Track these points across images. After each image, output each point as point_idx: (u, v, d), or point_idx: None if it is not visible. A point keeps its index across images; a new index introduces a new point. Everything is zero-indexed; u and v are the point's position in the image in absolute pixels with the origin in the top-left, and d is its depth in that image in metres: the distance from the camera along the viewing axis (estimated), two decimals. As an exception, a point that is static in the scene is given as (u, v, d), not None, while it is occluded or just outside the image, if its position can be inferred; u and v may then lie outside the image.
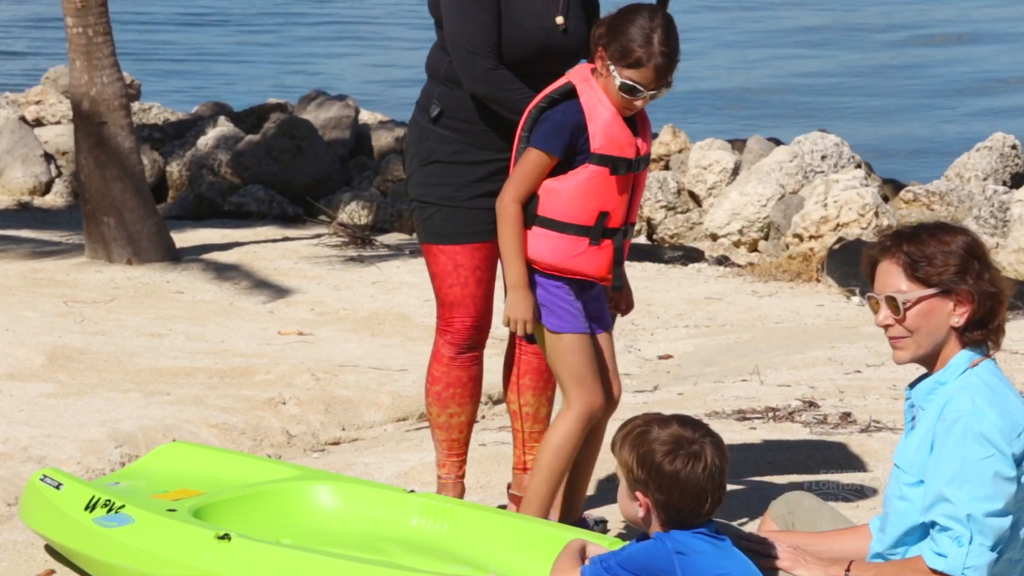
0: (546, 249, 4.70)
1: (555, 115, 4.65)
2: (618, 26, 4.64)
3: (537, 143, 4.65)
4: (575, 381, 4.76)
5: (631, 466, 3.68)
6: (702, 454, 3.65)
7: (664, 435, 3.67)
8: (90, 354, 8.01)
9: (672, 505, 3.66)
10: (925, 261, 3.75)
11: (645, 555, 3.65)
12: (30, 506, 5.11)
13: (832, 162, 12.40)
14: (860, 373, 7.65)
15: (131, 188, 10.59)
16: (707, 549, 3.66)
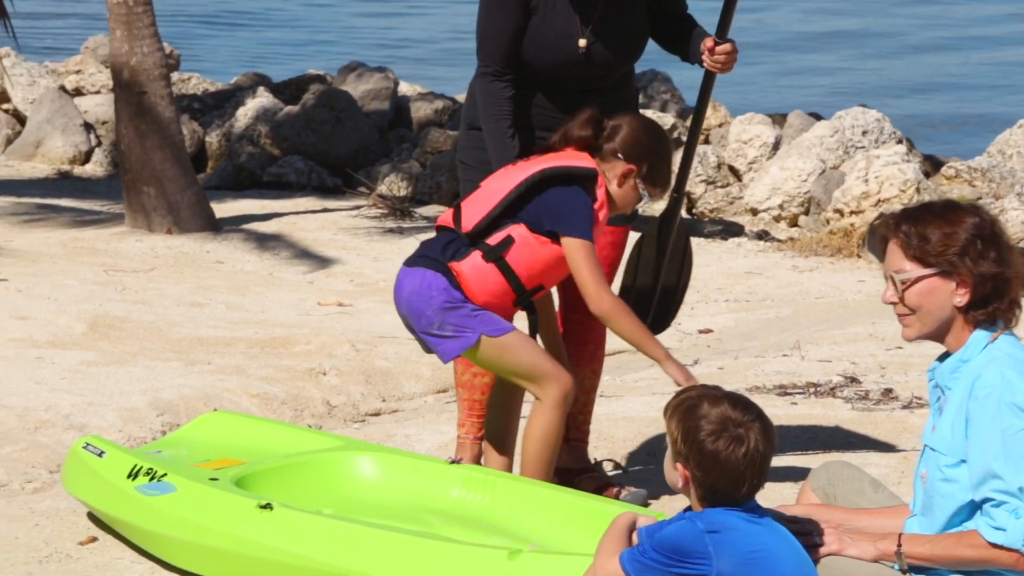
0: (486, 290, 4.75)
1: (586, 205, 4.76)
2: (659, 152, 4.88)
3: (584, 235, 4.73)
4: (538, 371, 4.77)
5: (676, 438, 3.66)
6: (746, 439, 3.62)
7: (713, 413, 3.64)
8: (131, 323, 8.04)
9: (708, 484, 3.65)
10: (924, 241, 3.76)
11: (676, 536, 3.64)
12: (73, 474, 5.13)
13: (873, 137, 12.33)
14: (902, 349, 7.61)
15: (171, 158, 10.61)
16: (741, 526, 3.64)
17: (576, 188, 4.77)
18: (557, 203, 4.75)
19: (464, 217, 4.78)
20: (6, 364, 7.13)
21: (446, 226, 4.85)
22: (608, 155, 4.85)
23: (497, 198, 4.77)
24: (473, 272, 4.73)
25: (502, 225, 4.75)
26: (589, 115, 4.89)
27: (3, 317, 7.92)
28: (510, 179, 4.81)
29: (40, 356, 7.32)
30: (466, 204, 4.85)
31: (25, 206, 11.41)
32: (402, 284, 4.79)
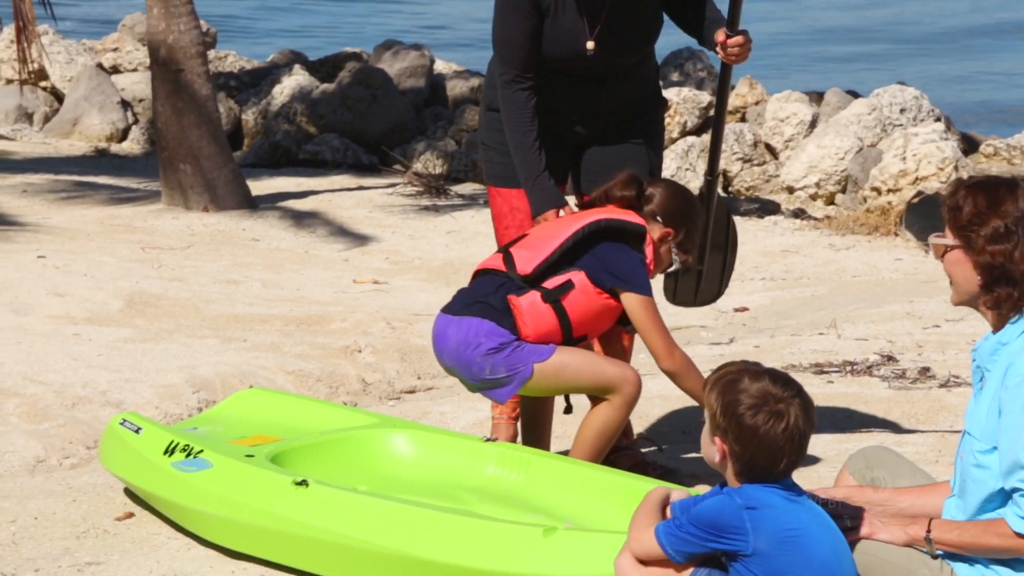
0: (539, 329, 4.77)
1: (641, 262, 4.83)
2: (694, 219, 4.97)
3: (647, 292, 4.80)
4: (603, 380, 4.79)
5: (715, 411, 3.66)
6: (786, 414, 3.61)
7: (753, 388, 3.63)
8: (167, 300, 8.07)
9: (746, 459, 3.63)
10: (957, 211, 3.75)
11: (714, 511, 3.63)
12: (109, 450, 5.15)
13: (911, 115, 12.26)
14: (939, 328, 7.58)
15: (208, 135, 10.64)
16: (778, 503, 3.63)
17: (625, 245, 4.82)
18: (615, 260, 4.80)
19: (519, 261, 4.80)
20: (44, 340, 7.17)
21: (493, 269, 4.85)
22: (647, 217, 4.91)
23: (553, 244, 4.80)
24: (531, 308, 4.76)
25: (560, 270, 4.78)
26: (630, 175, 4.95)
27: (41, 294, 7.95)
28: (564, 227, 4.85)
29: (77, 333, 7.35)
30: (518, 250, 4.86)
31: (63, 183, 11.46)
32: (446, 334, 4.78)
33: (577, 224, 4.82)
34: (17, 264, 8.64)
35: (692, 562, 3.66)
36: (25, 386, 6.43)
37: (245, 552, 4.63)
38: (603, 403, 4.81)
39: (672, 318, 8.41)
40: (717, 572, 3.63)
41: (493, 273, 4.84)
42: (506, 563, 4.14)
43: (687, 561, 3.65)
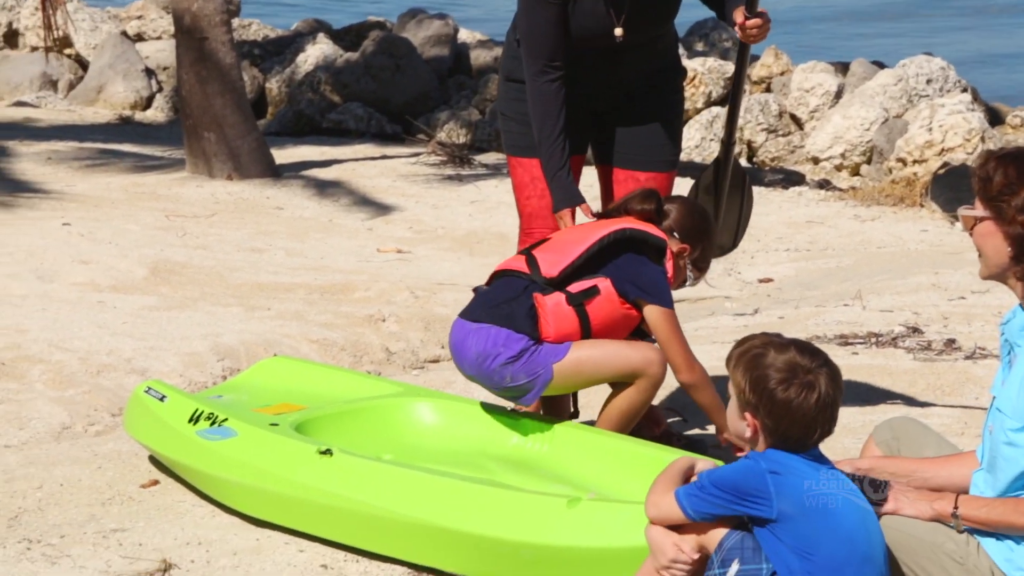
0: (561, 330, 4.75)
1: (663, 274, 4.85)
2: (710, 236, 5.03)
3: (669, 304, 4.83)
4: (627, 367, 4.77)
5: (743, 388, 3.63)
6: (816, 385, 3.60)
7: (780, 361, 3.61)
8: (192, 268, 8.08)
9: (780, 432, 3.62)
10: (987, 182, 3.71)
11: (738, 474, 3.61)
12: (134, 417, 5.16)
13: (937, 86, 12.19)
14: (964, 299, 7.55)
15: (232, 104, 10.63)
16: (803, 469, 3.62)
17: (646, 258, 4.83)
18: (638, 272, 4.80)
19: (543, 264, 4.79)
20: (69, 308, 7.18)
21: (515, 271, 4.83)
22: (665, 232, 4.92)
23: (579, 249, 4.79)
24: (556, 309, 4.75)
25: (585, 275, 4.78)
26: (648, 191, 4.96)
27: (66, 261, 7.97)
28: (589, 233, 4.84)
29: (102, 300, 7.37)
30: (541, 252, 4.85)
31: (87, 151, 11.47)
32: (466, 345, 4.77)
33: (602, 231, 4.82)
34: (42, 231, 8.66)
35: (724, 525, 3.64)
36: (51, 353, 6.45)
37: (269, 520, 4.64)
38: (629, 386, 4.79)
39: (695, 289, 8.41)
40: (750, 537, 3.63)
41: (515, 275, 4.82)
42: (530, 533, 4.14)
43: (703, 520, 3.63)
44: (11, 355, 6.41)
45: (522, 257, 4.86)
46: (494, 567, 4.23)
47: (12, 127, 12.46)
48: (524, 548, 4.13)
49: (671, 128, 5.25)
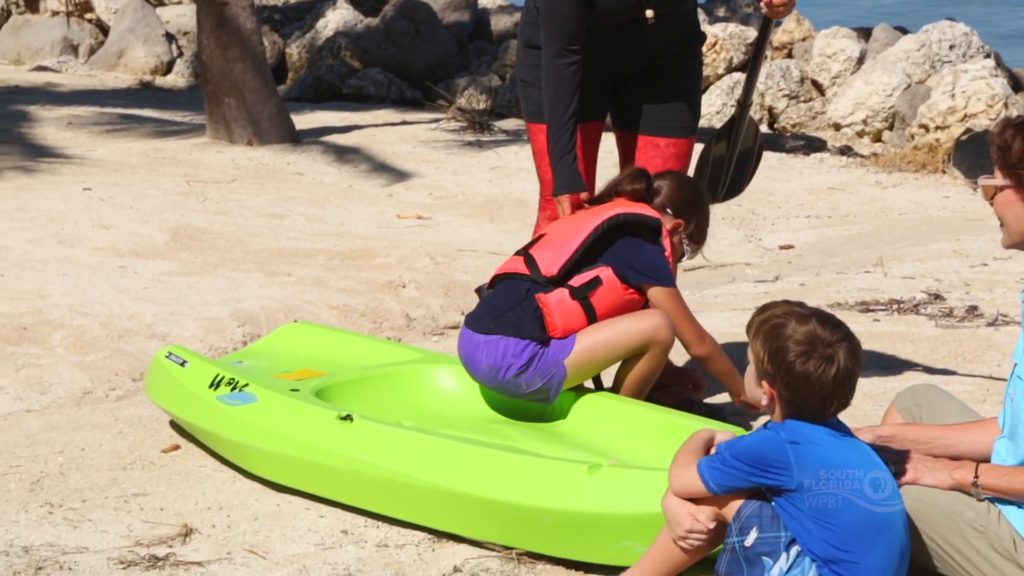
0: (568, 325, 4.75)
1: (661, 253, 4.84)
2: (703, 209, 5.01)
3: (672, 283, 4.85)
4: (636, 341, 4.77)
5: (762, 357, 3.63)
6: (835, 358, 3.58)
7: (800, 333, 3.60)
8: (212, 233, 8.09)
9: (797, 403, 3.62)
10: (1006, 150, 3.69)
11: (759, 445, 3.61)
12: (155, 382, 5.17)
13: (960, 52, 12.13)
14: (987, 266, 7.52)
15: (252, 69, 10.62)
16: (823, 439, 3.61)
17: (642, 240, 4.82)
18: (636, 255, 4.79)
19: (542, 263, 4.77)
20: (90, 273, 7.20)
21: (515, 273, 4.81)
22: (658, 209, 4.90)
23: (575, 242, 4.77)
24: (560, 306, 4.74)
25: (585, 267, 4.77)
26: (637, 170, 4.94)
27: (87, 226, 7.99)
28: (583, 224, 4.82)
29: (123, 265, 7.38)
30: (539, 251, 4.82)
31: (108, 116, 11.48)
32: (477, 358, 4.75)
33: (596, 220, 4.80)
34: (64, 196, 8.67)
35: (741, 494, 3.64)
36: (72, 318, 6.46)
37: (290, 485, 4.65)
38: (645, 357, 4.79)
39: (716, 255, 8.40)
40: (768, 506, 3.63)
41: (516, 277, 4.80)
42: (550, 499, 4.14)
43: (726, 494, 3.64)
44: (32, 320, 6.43)
45: (520, 258, 4.84)
46: (514, 532, 4.24)
47: (33, 92, 12.47)
48: (544, 514, 4.14)
49: (690, 94, 5.23)
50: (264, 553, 4.26)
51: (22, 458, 4.92)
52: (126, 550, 4.25)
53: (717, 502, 3.67)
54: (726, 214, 9.15)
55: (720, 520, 3.68)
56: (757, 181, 5.48)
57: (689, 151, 5.29)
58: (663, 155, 5.19)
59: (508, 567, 4.17)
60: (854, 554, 3.57)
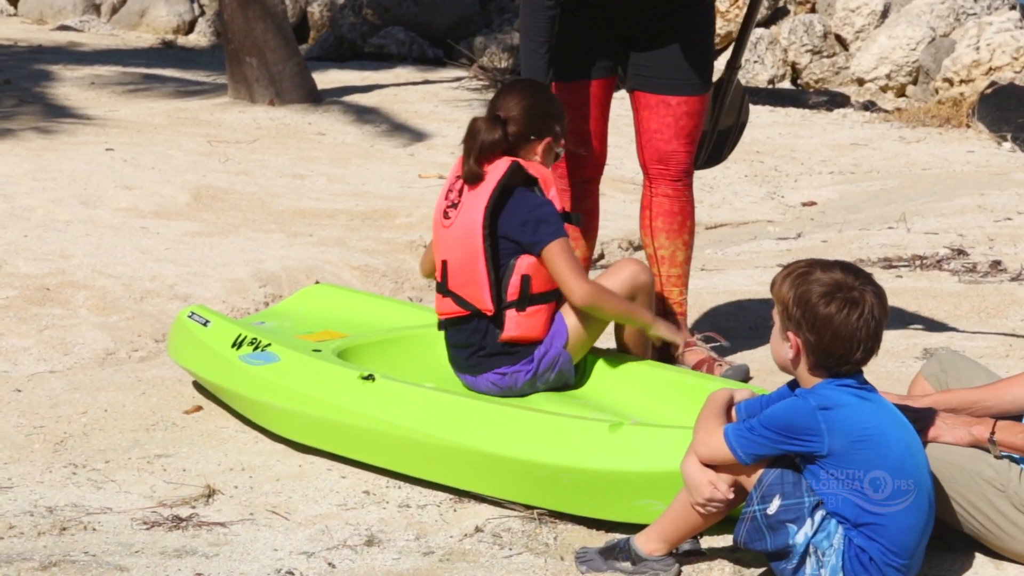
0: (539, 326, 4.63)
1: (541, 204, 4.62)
2: (557, 109, 4.75)
3: (556, 234, 4.61)
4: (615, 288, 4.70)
5: (787, 303, 3.63)
6: (861, 302, 3.59)
7: (825, 278, 3.62)
8: (234, 194, 8.09)
9: (822, 348, 3.61)
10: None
11: (788, 413, 3.61)
12: (178, 342, 5.19)
13: (985, 4, 12.04)
14: (1011, 220, 7.50)
15: (273, 28, 10.61)
16: (852, 402, 3.61)
17: (522, 196, 4.61)
18: (522, 233, 4.61)
19: (474, 301, 4.63)
20: (112, 233, 7.21)
21: (459, 316, 4.68)
22: (522, 142, 4.69)
23: (480, 267, 4.61)
24: (519, 325, 4.64)
25: (506, 274, 4.63)
26: (480, 120, 4.69)
27: (109, 187, 8.00)
28: (469, 241, 4.61)
29: (145, 226, 7.39)
30: (459, 288, 4.66)
31: (130, 76, 11.48)
32: (483, 388, 4.68)
33: (476, 232, 4.59)
34: (86, 156, 8.69)
35: (761, 463, 3.65)
36: (95, 279, 6.48)
37: (312, 445, 4.67)
38: None
39: (738, 213, 8.38)
40: (789, 472, 3.63)
41: (462, 320, 4.68)
42: (572, 458, 4.15)
43: (755, 463, 3.64)
44: (56, 281, 6.45)
45: (448, 299, 4.69)
46: (535, 491, 4.25)
47: (56, 51, 12.48)
48: (565, 472, 4.14)
49: (700, 50, 5.17)
50: (286, 513, 4.28)
51: (46, 419, 4.95)
52: (149, 511, 4.28)
53: (738, 469, 3.67)
54: (748, 171, 9.12)
55: (738, 487, 3.69)
56: (780, 138, 5.46)
57: (702, 108, 5.24)
58: (675, 113, 5.16)
59: (529, 527, 4.18)
60: (884, 516, 3.57)
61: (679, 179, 5.23)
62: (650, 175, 5.25)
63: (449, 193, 4.72)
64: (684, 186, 5.24)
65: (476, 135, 4.67)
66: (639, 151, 5.26)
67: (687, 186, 5.25)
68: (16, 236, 7.09)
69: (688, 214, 5.28)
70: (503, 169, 4.64)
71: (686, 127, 5.18)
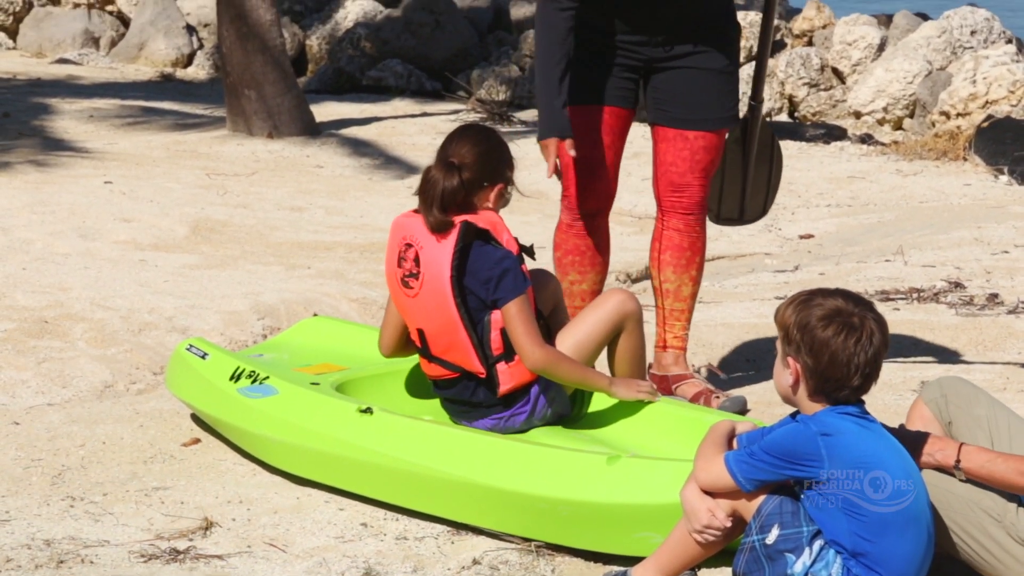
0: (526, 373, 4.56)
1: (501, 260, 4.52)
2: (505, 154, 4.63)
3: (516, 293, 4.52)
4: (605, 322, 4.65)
5: (789, 327, 3.65)
6: (860, 327, 3.61)
7: (827, 303, 3.65)
8: (232, 226, 8.10)
9: (820, 372, 3.62)
10: None
11: (789, 439, 3.62)
12: (176, 375, 5.19)
13: (982, 37, 12.09)
14: (1008, 254, 7.51)
15: (271, 61, 10.64)
16: (852, 429, 3.62)
17: (483, 250, 4.54)
18: (487, 291, 4.54)
19: (467, 365, 4.59)
20: (111, 266, 7.22)
21: (450, 377, 4.64)
22: (475, 188, 4.61)
23: (459, 329, 4.55)
24: (514, 377, 4.59)
25: (485, 332, 4.57)
26: (432, 169, 4.64)
27: (108, 219, 8.01)
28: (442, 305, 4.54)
29: (143, 259, 7.40)
30: (443, 353, 4.61)
31: (129, 109, 11.51)
32: (482, 427, 4.65)
33: (448, 301, 4.53)
34: (85, 189, 8.70)
35: (761, 491, 3.65)
36: (93, 311, 6.49)
37: (309, 478, 4.67)
38: (618, 336, 4.71)
39: (735, 245, 8.40)
40: (788, 501, 3.63)
41: (454, 382, 4.64)
42: (570, 490, 4.15)
43: (756, 489, 3.65)
44: (54, 313, 6.46)
45: (435, 364, 4.63)
46: (533, 524, 4.25)
47: (55, 84, 12.51)
48: (563, 505, 4.14)
49: (721, 84, 5.12)
50: (284, 546, 4.28)
51: (44, 451, 4.95)
52: (147, 543, 4.27)
53: (736, 497, 3.68)
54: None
55: (736, 516, 3.69)
56: (777, 170, 5.46)
57: (720, 143, 5.20)
58: (692, 147, 5.12)
59: (527, 559, 4.18)
60: (881, 545, 3.58)
61: (690, 213, 5.20)
62: (663, 207, 5.23)
63: (402, 261, 4.63)
64: (695, 221, 5.21)
65: (435, 184, 4.57)
66: (654, 183, 5.24)
67: (698, 221, 5.22)
68: (14, 269, 7.10)
69: (697, 250, 5.25)
70: (456, 233, 4.56)
71: (702, 161, 5.14)
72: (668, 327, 5.25)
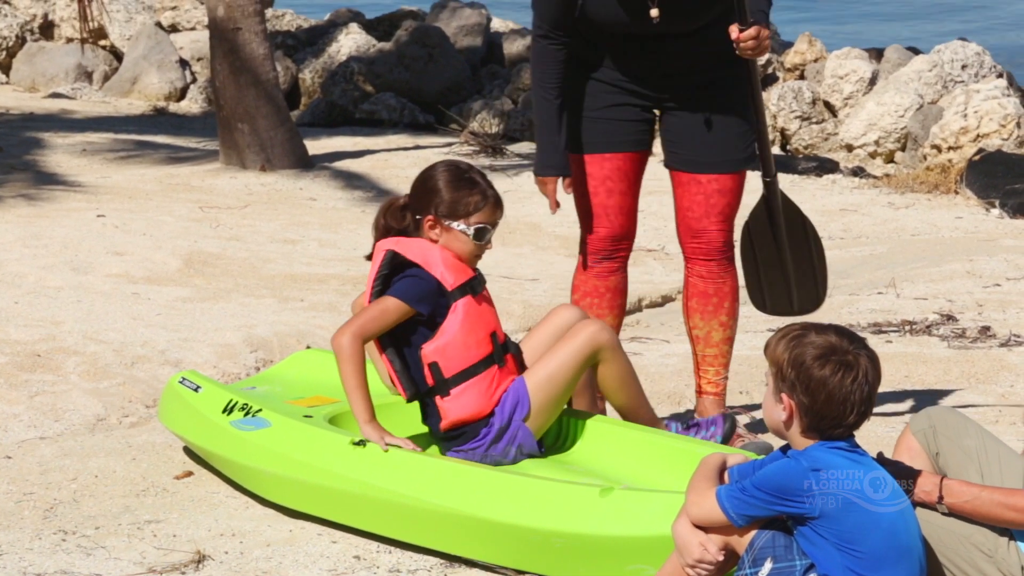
0: (475, 404, 4.59)
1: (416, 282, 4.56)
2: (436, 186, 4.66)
3: (396, 293, 4.56)
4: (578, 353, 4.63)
5: (782, 365, 3.63)
6: (855, 365, 3.60)
7: (820, 340, 3.63)
8: (225, 259, 8.11)
9: (815, 411, 3.62)
10: None
11: (780, 475, 3.61)
12: (169, 408, 5.19)
13: (973, 71, 12.14)
14: (999, 287, 7.52)
15: (264, 95, 10.66)
16: (843, 464, 3.61)
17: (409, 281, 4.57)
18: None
19: (400, 389, 4.64)
20: (104, 299, 7.22)
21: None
22: (416, 220, 4.68)
23: (375, 349, 4.60)
24: (453, 410, 4.60)
25: (415, 364, 4.61)
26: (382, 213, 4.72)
27: (100, 253, 8.01)
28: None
29: (136, 292, 7.40)
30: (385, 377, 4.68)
31: (122, 142, 11.52)
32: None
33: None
34: (77, 223, 8.70)
35: (753, 525, 3.65)
36: (85, 345, 6.48)
37: (302, 510, 4.66)
38: (598, 367, 4.70)
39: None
40: (780, 535, 3.63)
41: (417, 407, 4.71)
42: (563, 522, 4.15)
43: (747, 525, 3.64)
44: (46, 347, 6.45)
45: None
46: (526, 556, 4.24)
47: (48, 119, 12.53)
48: (556, 537, 4.14)
49: (733, 126, 5.04)
50: (277, 579, 4.27)
51: (36, 485, 4.94)
52: (139, 577, 4.26)
53: (729, 531, 3.67)
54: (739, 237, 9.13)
55: (729, 550, 3.68)
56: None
57: (736, 186, 5.10)
58: (705, 191, 5.06)
59: (520, 592, 4.17)
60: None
61: (711, 258, 5.12)
62: (685, 254, 5.19)
63: None
64: (718, 266, 5.13)
65: (383, 223, 4.74)
66: (676, 228, 5.20)
67: (721, 266, 5.13)
68: (7, 303, 7.10)
69: (725, 295, 5.17)
70: (379, 260, 4.65)
71: (717, 205, 5.08)
72: (702, 372, 5.22)
